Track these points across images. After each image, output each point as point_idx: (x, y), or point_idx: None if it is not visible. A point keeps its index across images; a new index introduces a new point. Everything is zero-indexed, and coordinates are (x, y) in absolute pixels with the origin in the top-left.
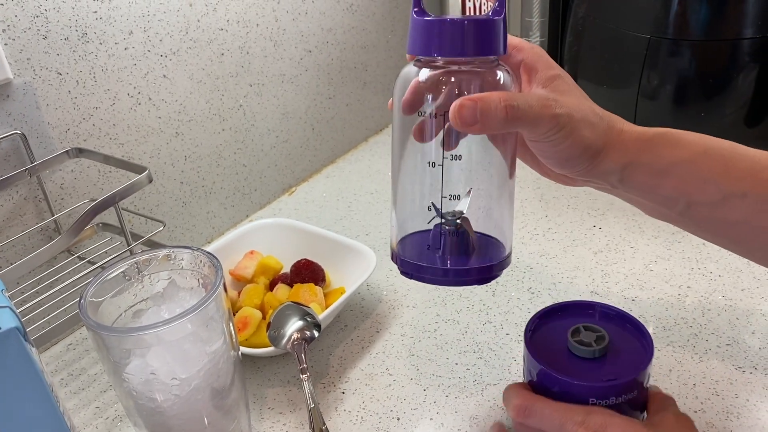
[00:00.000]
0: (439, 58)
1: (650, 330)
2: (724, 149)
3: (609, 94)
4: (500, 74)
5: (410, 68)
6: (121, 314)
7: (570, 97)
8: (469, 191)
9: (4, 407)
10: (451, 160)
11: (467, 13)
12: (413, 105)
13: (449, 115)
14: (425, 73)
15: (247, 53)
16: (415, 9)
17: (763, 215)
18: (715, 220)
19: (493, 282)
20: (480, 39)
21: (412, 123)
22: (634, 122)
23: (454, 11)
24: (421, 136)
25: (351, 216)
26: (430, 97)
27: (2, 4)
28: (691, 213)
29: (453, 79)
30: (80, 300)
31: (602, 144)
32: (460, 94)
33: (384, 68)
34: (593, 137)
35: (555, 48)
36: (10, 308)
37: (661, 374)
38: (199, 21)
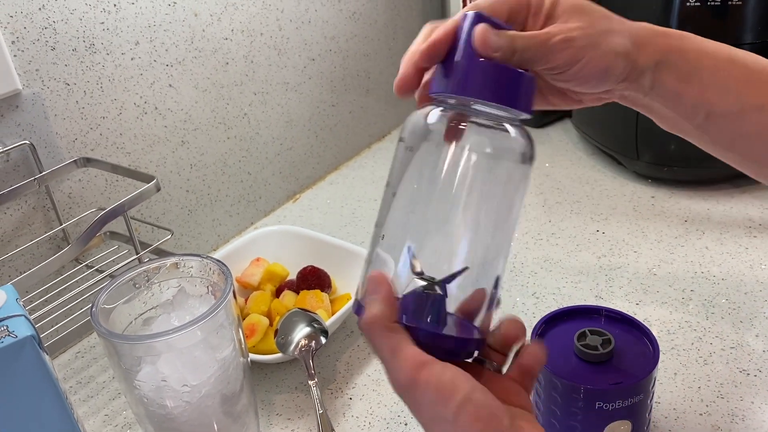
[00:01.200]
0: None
1: (654, 333)
2: (748, 60)
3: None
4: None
5: (426, 110)
6: (132, 322)
7: (579, 16)
8: (464, 269)
9: (20, 413)
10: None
11: None
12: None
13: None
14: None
15: (252, 62)
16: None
17: None
18: (730, 133)
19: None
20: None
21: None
22: (637, 126)
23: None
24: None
25: (355, 222)
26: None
27: (12, 16)
28: (708, 124)
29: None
30: (92, 308)
31: (632, 44)
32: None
33: (386, 75)
34: (620, 41)
35: None
36: (25, 317)
37: (665, 377)
38: (204, 31)
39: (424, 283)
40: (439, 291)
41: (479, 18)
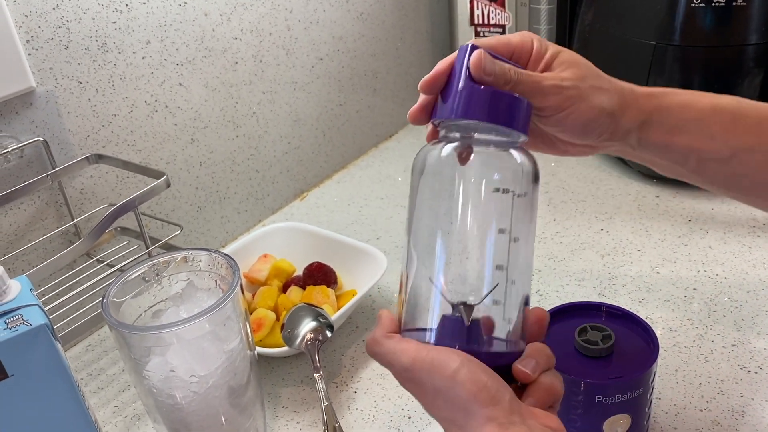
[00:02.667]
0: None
1: (657, 331)
2: (732, 106)
3: None
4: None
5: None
6: (141, 314)
7: (573, 69)
8: (495, 287)
9: (33, 401)
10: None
11: (475, 21)
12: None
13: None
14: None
15: (260, 61)
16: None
17: None
18: (725, 175)
19: None
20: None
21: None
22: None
23: (462, 17)
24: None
25: (362, 220)
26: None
27: (26, 16)
28: (703, 169)
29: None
30: (103, 300)
31: (617, 104)
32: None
33: (394, 75)
34: (607, 99)
35: None
36: (39, 306)
37: (667, 374)
38: (214, 31)
39: (456, 307)
40: (470, 314)
41: (476, 48)
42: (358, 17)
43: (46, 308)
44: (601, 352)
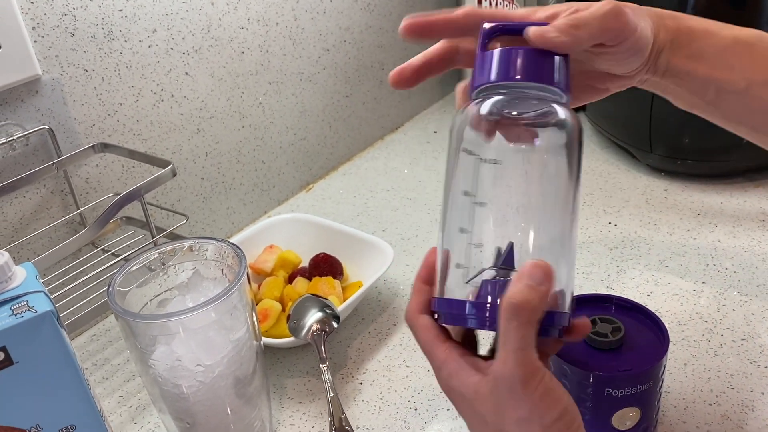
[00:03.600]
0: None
1: (665, 325)
2: (752, 38)
3: (626, 91)
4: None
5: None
6: (147, 303)
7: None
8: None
9: (37, 388)
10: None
11: None
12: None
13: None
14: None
15: (267, 51)
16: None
17: None
18: (740, 108)
19: None
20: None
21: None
22: (651, 119)
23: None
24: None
25: (368, 212)
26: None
27: (32, 3)
28: (719, 100)
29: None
30: (108, 288)
31: (652, 24)
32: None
33: None
34: (644, 20)
35: None
36: (45, 293)
37: (676, 368)
38: (220, 20)
39: (493, 272)
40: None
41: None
42: (365, 8)
43: (51, 297)
44: (611, 345)
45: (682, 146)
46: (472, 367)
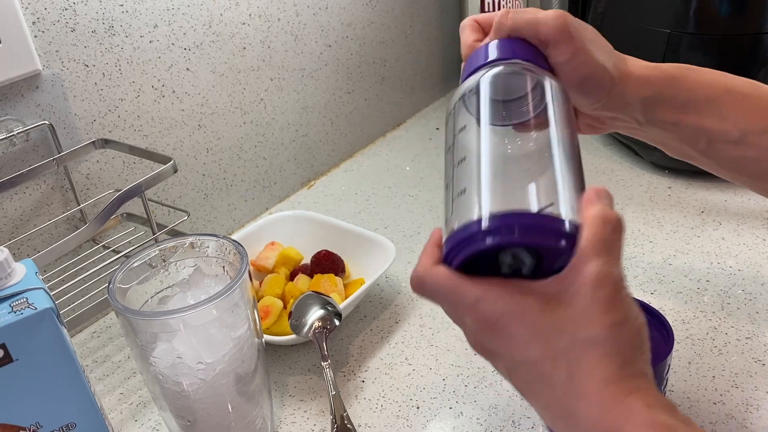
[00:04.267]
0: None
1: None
2: (745, 87)
3: None
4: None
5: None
6: (148, 300)
7: (582, 31)
8: None
9: (39, 384)
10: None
11: (486, 8)
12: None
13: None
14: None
15: (269, 47)
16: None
17: None
18: (735, 158)
19: None
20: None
21: None
22: None
23: (472, 5)
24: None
25: (369, 209)
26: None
27: None
28: (712, 150)
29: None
30: (109, 285)
31: (618, 72)
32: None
33: (402, 63)
34: (606, 57)
35: None
36: (45, 290)
37: (680, 366)
38: (222, 15)
39: None
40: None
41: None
42: (367, 4)
43: (51, 293)
44: None
45: None
46: (518, 286)
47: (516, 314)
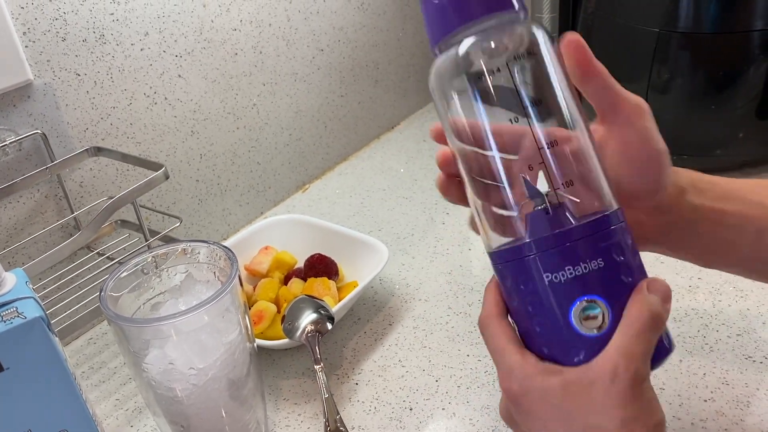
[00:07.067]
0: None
1: None
2: None
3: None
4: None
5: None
6: (140, 307)
7: None
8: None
9: (28, 394)
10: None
11: None
12: None
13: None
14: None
15: (260, 53)
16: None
17: None
18: None
19: None
20: None
21: None
22: None
23: None
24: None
25: (364, 212)
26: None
27: (23, 8)
28: (762, 243)
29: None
30: (101, 292)
31: (668, 162)
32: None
33: (395, 66)
34: (663, 144)
35: None
36: (35, 299)
37: (670, 364)
38: (212, 21)
39: (534, 198)
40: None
41: None
42: (358, 7)
43: (46, 301)
44: None
45: (678, 141)
46: (547, 368)
47: (539, 392)
